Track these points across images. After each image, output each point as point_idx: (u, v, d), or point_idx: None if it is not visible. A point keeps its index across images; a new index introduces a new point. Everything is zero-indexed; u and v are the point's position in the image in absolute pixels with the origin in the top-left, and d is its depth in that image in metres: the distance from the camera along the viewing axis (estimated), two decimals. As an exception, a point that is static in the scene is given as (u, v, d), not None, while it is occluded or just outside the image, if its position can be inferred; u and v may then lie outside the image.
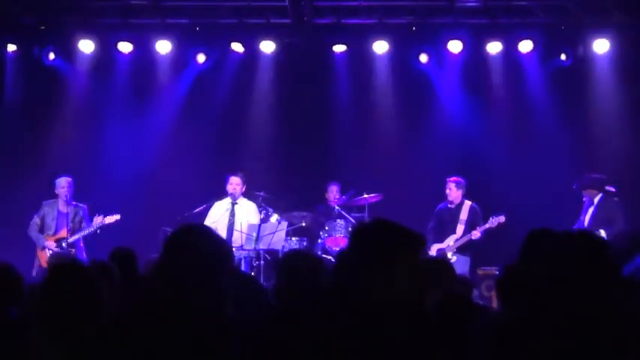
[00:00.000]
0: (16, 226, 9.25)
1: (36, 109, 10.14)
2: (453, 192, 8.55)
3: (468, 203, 8.55)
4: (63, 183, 8.53)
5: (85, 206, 8.63)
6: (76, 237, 8.38)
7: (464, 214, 8.47)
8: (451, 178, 8.62)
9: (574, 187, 8.30)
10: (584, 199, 8.28)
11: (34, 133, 10.08)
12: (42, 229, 8.51)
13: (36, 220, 8.54)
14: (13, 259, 8.43)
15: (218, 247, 2.51)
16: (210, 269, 2.45)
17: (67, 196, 8.46)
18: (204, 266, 2.44)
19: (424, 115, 10.19)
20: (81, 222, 8.50)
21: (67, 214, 8.40)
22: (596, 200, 8.12)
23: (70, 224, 8.35)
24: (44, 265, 8.12)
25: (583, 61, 9.71)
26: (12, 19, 9.72)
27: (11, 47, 9.97)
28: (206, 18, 9.78)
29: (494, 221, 8.23)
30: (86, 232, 8.42)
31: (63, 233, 8.39)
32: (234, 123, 10.27)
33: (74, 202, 8.54)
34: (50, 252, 8.25)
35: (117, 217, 8.36)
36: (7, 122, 10.12)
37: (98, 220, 8.33)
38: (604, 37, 9.43)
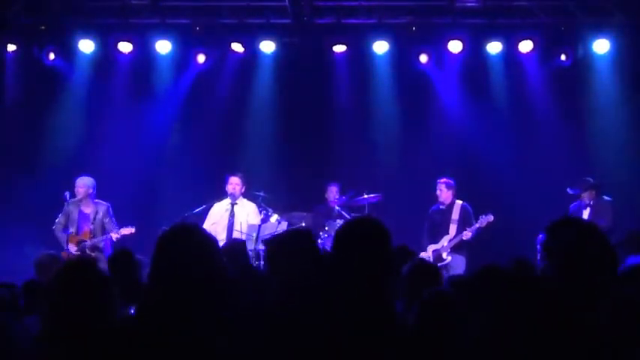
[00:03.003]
0: (15, 225, 9.25)
1: (36, 109, 10.14)
2: (444, 193, 8.62)
3: (458, 203, 8.60)
4: (78, 183, 8.40)
5: (107, 204, 8.43)
6: (93, 243, 8.20)
7: (455, 214, 8.52)
8: (441, 180, 8.67)
9: (570, 191, 8.31)
10: (577, 200, 8.30)
11: (34, 133, 10.07)
12: (66, 227, 8.34)
13: (60, 219, 8.41)
14: (13, 256, 8.47)
15: (206, 245, 2.52)
16: (200, 267, 2.45)
17: (81, 194, 8.34)
18: (195, 265, 2.45)
19: (424, 115, 10.19)
20: (102, 221, 8.29)
21: (88, 214, 8.33)
22: (591, 202, 8.16)
23: (91, 226, 8.24)
24: None
25: (583, 61, 9.72)
26: (12, 19, 9.72)
27: (11, 47, 9.97)
28: (206, 18, 9.78)
29: (482, 221, 8.29)
30: (97, 240, 8.21)
31: (85, 235, 8.26)
32: (234, 123, 10.27)
33: (96, 201, 8.41)
34: (73, 254, 8.05)
35: (132, 229, 8.18)
36: (7, 122, 10.12)
37: (114, 236, 8.20)
38: (604, 37, 9.44)
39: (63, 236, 8.35)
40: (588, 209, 8.15)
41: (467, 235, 8.30)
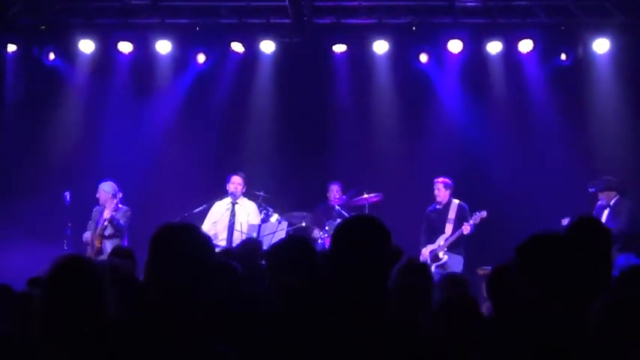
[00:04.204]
0: (15, 225, 9.25)
1: (36, 109, 10.14)
2: (442, 192, 8.62)
3: (455, 202, 8.60)
4: (99, 189, 8.51)
5: (124, 208, 8.46)
6: (98, 231, 8.28)
7: (452, 213, 8.53)
8: (438, 179, 8.67)
9: (591, 190, 8.27)
10: (599, 201, 8.26)
11: (34, 134, 10.08)
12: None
13: (89, 225, 8.55)
14: (13, 257, 8.46)
15: (200, 243, 2.50)
16: (194, 267, 2.44)
17: (103, 201, 8.46)
18: (188, 264, 2.44)
19: (424, 115, 10.19)
20: (117, 224, 8.35)
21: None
22: (612, 202, 8.13)
23: (105, 223, 8.30)
24: None
25: (583, 61, 9.71)
26: (12, 19, 9.72)
27: (11, 47, 9.96)
28: (206, 18, 9.78)
29: (477, 217, 8.31)
30: (100, 228, 8.30)
31: (100, 229, 8.39)
32: (234, 123, 10.27)
33: (119, 206, 8.46)
34: (88, 249, 8.28)
35: (108, 211, 8.25)
36: (7, 122, 10.12)
37: (106, 213, 8.27)
38: (604, 37, 9.44)
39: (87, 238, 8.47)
40: (607, 210, 8.11)
41: (466, 228, 8.29)
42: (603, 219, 8.04)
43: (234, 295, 3.49)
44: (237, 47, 9.96)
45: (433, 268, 7.99)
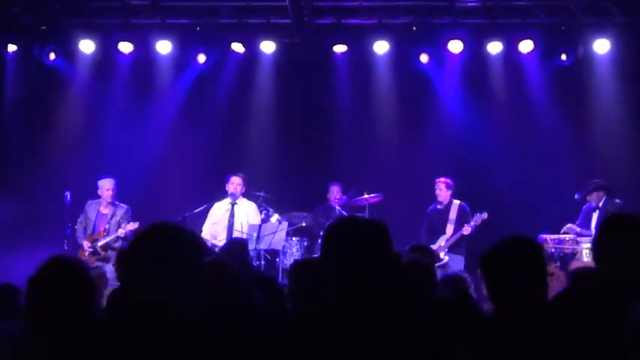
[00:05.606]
0: (15, 225, 9.26)
1: (36, 109, 10.14)
2: (443, 192, 8.64)
3: (456, 203, 8.61)
4: (107, 185, 8.53)
5: (127, 207, 8.55)
6: (105, 241, 8.31)
7: (453, 214, 8.54)
8: (440, 179, 8.68)
9: (576, 197, 8.26)
10: (588, 203, 8.25)
11: (34, 133, 10.08)
12: (86, 227, 8.53)
13: (81, 218, 8.58)
14: (13, 256, 8.45)
15: (188, 242, 2.49)
16: (181, 266, 2.42)
17: (109, 197, 8.49)
18: (174, 264, 2.42)
19: (424, 115, 10.19)
20: (119, 223, 8.40)
21: (106, 215, 8.48)
22: (601, 203, 8.11)
23: (107, 226, 8.35)
24: None
25: (583, 61, 9.71)
26: (12, 19, 9.72)
27: (11, 47, 9.96)
28: (206, 18, 9.78)
29: (477, 219, 8.33)
30: (109, 238, 8.33)
31: (99, 235, 8.40)
32: (234, 123, 10.27)
33: (116, 202, 8.54)
34: (86, 252, 8.29)
35: (135, 225, 8.24)
36: (7, 122, 10.12)
37: (120, 231, 8.29)
38: (604, 37, 9.44)
39: (81, 236, 8.50)
40: (597, 213, 8.08)
41: (467, 230, 8.32)
42: (593, 222, 8.02)
43: (233, 296, 3.48)
44: (237, 47, 9.96)
45: (434, 269, 8.00)
